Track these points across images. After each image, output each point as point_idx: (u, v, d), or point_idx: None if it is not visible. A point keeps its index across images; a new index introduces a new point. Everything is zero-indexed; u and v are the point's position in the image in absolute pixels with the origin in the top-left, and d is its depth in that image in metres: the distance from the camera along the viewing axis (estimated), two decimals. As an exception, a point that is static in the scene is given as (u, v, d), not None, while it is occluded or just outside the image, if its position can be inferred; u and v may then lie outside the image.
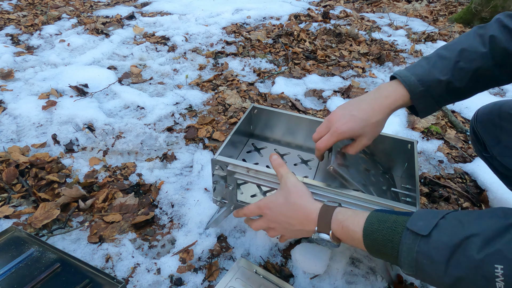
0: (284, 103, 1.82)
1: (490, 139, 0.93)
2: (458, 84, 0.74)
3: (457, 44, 0.76)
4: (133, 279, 0.96)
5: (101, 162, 1.36)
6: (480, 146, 0.99)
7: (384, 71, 2.24)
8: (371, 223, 0.63)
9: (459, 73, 0.73)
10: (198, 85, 1.94)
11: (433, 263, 0.53)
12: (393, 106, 0.78)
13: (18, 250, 0.93)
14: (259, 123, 1.19)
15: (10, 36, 2.39)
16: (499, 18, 0.74)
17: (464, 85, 0.74)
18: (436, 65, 0.75)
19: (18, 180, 1.23)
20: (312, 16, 3.09)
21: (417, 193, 0.84)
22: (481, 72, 0.73)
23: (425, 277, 0.56)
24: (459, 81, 0.74)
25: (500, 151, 0.90)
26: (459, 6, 3.66)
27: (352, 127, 0.77)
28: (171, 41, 2.43)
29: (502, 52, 0.71)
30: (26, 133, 1.48)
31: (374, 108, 0.78)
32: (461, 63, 0.73)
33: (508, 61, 0.72)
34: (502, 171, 0.93)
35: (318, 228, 0.70)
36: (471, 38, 0.75)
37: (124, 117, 1.61)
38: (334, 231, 0.68)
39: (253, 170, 0.87)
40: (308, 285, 0.97)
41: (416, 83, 0.75)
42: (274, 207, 0.78)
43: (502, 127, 0.89)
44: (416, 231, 0.55)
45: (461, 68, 0.73)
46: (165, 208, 1.19)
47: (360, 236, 0.63)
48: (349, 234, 0.66)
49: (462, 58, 0.73)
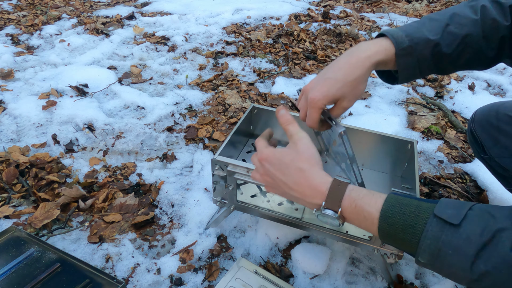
0: (284, 103, 1.82)
1: (488, 140, 0.94)
2: (446, 49, 0.71)
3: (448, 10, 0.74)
4: (133, 279, 0.96)
5: (101, 162, 1.36)
6: (478, 147, 0.99)
7: (384, 71, 2.23)
8: (391, 205, 0.57)
9: (448, 37, 0.70)
10: (198, 85, 1.94)
11: (459, 254, 0.50)
12: (373, 59, 0.69)
13: (18, 250, 0.93)
14: (259, 123, 1.19)
15: (10, 36, 2.39)
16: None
17: (451, 51, 0.71)
18: (426, 25, 0.72)
19: (18, 180, 1.23)
20: (312, 16, 3.09)
21: (417, 193, 0.84)
22: (469, 39, 0.71)
23: (444, 268, 0.53)
24: (447, 46, 0.71)
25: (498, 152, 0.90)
26: (459, 6, 3.66)
27: (327, 92, 0.69)
28: (171, 41, 2.43)
29: (491, 23, 0.70)
30: (26, 133, 1.48)
31: (351, 62, 0.70)
32: (451, 27, 0.71)
33: (495, 33, 0.70)
34: (500, 172, 0.93)
35: (325, 204, 0.62)
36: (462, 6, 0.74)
37: (124, 117, 1.61)
38: (344, 209, 0.62)
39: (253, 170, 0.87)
40: (308, 285, 0.97)
41: (404, 37, 0.70)
42: (276, 163, 0.68)
43: (499, 129, 0.89)
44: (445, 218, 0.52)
45: (451, 31, 0.70)
46: (165, 208, 1.19)
47: (375, 218, 0.58)
48: (361, 214, 0.60)
49: (453, 22, 0.71)
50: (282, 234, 1.08)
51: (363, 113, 1.74)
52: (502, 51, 0.73)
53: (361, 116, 1.71)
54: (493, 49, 0.72)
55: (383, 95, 1.93)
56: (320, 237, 1.08)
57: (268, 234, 1.08)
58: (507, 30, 0.70)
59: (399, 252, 0.86)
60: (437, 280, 1.00)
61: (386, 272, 0.95)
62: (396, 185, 1.06)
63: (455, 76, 2.17)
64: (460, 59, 0.73)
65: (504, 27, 0.69)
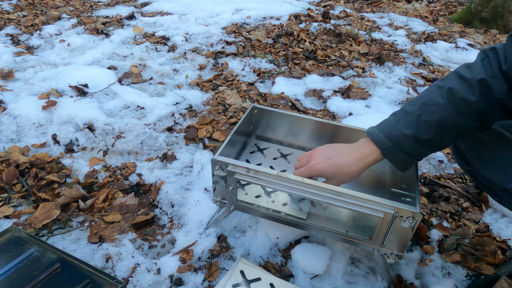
0: (284, 103, 1.82)
1: (470, 153, 0.93)
2: (425, 136, 0.76)
3: (419, 99, 0.79)
4: (133, 279, 0.96)
5: (101, 162, 1.36)
6: (462, 160, 0.99)
7: (384, 71, 2.24)
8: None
9: (424, 126, 0.76)
10: (198, 85, 1.94)
11: None
12: (366, 160, 0.82)
13: (18, 250, 0.93)
14: (259, 123, 1.19)
15: (10, 36, 2.39)
16: (457, 70, 0.77)
17: (431, 136, 0.76)
18: (401, 121, 0.79)
19: (18, 180, 1.23)
20: (312, 16, 3.09)
21: (417, 193, 0.84)
22: (444, 122, 0.74)
23: None
24: (426, 133, 0.76)
25: (482, 164, 0.89)
26: (459, 6, 3.66)
27: (325, 170, 0.84)
28: (171, 41, 2.43)
29: (461, 101, 0.73)
30: (26, 133, 1.48)
31: (351, 159, 0.83)
32: (424, 117, 0.76)
33: (469, 109, 0.73)
34: (485, 183, 0.92)
35: None
36: (431, 92, 0.78)
37: (124, 117, 1.61)
38: None
39: (253, 170, 0.87)
40: (308, 285, 0.97)
41: (384, 139, 0.79)
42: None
43: (481, 141, 0.88)
44: None
45: (424, 121, 0.75)
46: (165, 208, 1.19)
47: None
48: None
49: (423, 112, 0.76)
50: (282, 234, 1.08)
51: (363, 113, 1.74)
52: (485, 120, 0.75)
53: (361, 116, 1.71)
54: (475, 121, 0.74)
55: (383, 95, 1.93)
56: (320, 237, 1.08)
57: (268, 234, 1.08)
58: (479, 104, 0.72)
59: (399, 252, 0.86)
60: (437, 280, 1.00)
61: (386, 272, 0.95)
62: (396, 185, 1.06)
63: (455, 76, 2.16)
64: (446, 138, 0.77)
65: (474, 102, 0.72)
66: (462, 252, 1.07)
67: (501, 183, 0.84)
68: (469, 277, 1.01)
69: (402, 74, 2.19)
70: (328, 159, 0.84)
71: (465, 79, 0.74)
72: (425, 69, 2.28)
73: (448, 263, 1.05)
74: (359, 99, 1.87)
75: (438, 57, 2.48)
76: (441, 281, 1.00)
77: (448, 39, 2.74)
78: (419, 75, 2.19)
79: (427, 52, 2.52)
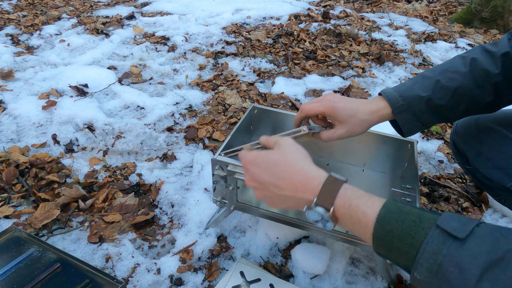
0: (284, 103, 1.82)
1: (470, 152, 0.94)
2: (439, 101, 0.76)
3: (440, 66, 0.80)
4: (133, 279, 0.96)
5: (101, 162, 1.36)
6: (462, 159, 0.99)
7: (384, 71, 2.24)
8: (390, 211, 0.52)
9: (440, 91, 0.76)
10: (198, 85, 1.94)
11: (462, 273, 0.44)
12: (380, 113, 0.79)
13: (18, 250, 0.93)
14: (259, 123, 1.19)
15: (10, 36, 2.39)
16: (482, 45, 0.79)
17: (445, 102, 0.76)
18: (418, 83, 0.79)
19: (18, 180, 1.23)
20: (312, 16, 3.09)
21: (417, 193, 0.84)
22: (461, 91, 0.75)
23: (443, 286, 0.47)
24: (440, 98, 0.76)
25: (482, 163, 0.90)
26: (459, 6, 3.66)
27: (340, 109, 0.78)
28: (171, 41, 2.43)
29: (482, 73, 0.74)
30: (26, 133, 1.48)
31: (366, 107, 0.80)
32: (442, 82, 0.76)
33: (488, 82, 0.74)
34: (485, 182, 0.92)
35: (317, 200, 0.58)
36: (453, 61, 0.79)
37: (124, 117, 1.61)
38: (336, 208, 0.57)
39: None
40: (308, 285, 0.97)
41: (397, 97, 0.78)
42: (263, 163, 0.64)
43: (481, 140, 0.89)
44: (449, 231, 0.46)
45: (442, 86, 0.76)
46: (165, 208, 1.19)
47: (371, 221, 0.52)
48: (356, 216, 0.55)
49: (443, 77, 0.76)
50: (282, 234, 1.08)
51: (363, 113, 1.74)
52: (500, 96, 0.77)
53: (361, 116, 1.71)
54: (490, 95, 0.76)
55: (383, 95, 1.93)
56: (320, 237, 1.08)
57: (268, 234, 1.08)
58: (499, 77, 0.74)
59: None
60: (437, 280, 1.00)
61: (386, 272, 0.95)
62: (396, 185, 1.06)
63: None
64: (458, 107, 0.78)
65: (495, 75, 0.74)
66: (462, 252, 1.06)
67: (501, 181, 0.84)
68: (469, 277, 1.01)
69: (402, 74, 2.19)
70: (345, 101, 0.80)
71: (490, 52, 0.76)
72: (425, 69, 2.28)
73: (448, 263, 1.05)
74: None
75: (438, 57, 2.47)
76: (441, 281, 0.99)
77: (448, 39, 2.74)
78: (419, 75, 2.19)
79: (427, 52, 2.52)
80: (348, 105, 0.79)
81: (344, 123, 0.79)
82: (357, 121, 0.78)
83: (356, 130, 0.79)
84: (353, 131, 0.79)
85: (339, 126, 0.80)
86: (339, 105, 0.78)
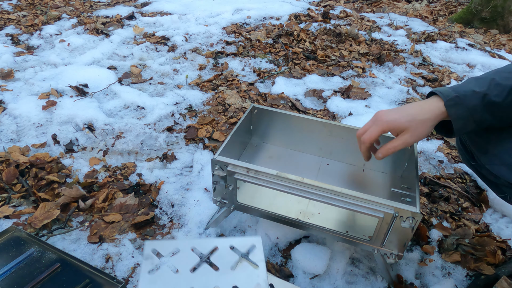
0: (284, 103, 1.82)
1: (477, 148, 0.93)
2: (496, 98, 0.74)
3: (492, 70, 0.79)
4: (133, 279, 0.96)
5: (101, 162, 1.36)
6: (468, 155, 0.99)
7: (384, 71, 2.24)
8: None
9: (496, 88, 0.74)
10: (198, 85, 1.94)
11: None
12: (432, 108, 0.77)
13: (18, 250, 0.93)
14: (259, 123, 1.19)
15: (10, 36, 2.39)
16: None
17: (502, 99, 0.73)
18: (472, 82, 0.77)
19: (18, 180, 1.23)
20: (312, 16, 3.09)
21: (417, 193, 0.84)
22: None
23: None
24: (496, 96, 0.74)
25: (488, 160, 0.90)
26: (459, 6, 3.66)
27: (398, 119, 0.77)
28: (171, 41, 2.43)
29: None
30: (26, 133, 1.48)
31: (423, 107, 0.78)
32: (498, 79, 0.74)
33: None
34: (491, 179, 0.92)
35: None
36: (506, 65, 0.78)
37: (124, 117, 1.61)
38: None
39: (253, 170, 0.87)
40: (308, 285, 0.97)
41: (450, 91, 0.76)
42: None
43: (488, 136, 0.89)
44: None
45: (498, 83, 0.74)
46: (165, 208, 1.19)
47: None
48: None
49: (499, 76, 0.75)
50: (282, 234, 1.08)
51: (363, 113, 1.74)
52: None
53: (361, 116, 1.71)
54: None
55: (383, 95, 1.93)
56: (320, 237, 1.08)
57: (268, 234, 1.08)
58: None
59: (399, 252, 0.86)
60: (437, 280, 1.00)
61: (386, 272, 0.95)
62: (396, 185, 1.06)
63: (455, 77, 2.17)
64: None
65: None
66: (462, 252, 1.07)
67: (507, 178, 0.84)
68: (469, 277, 1.01)
69: (402, 74, 2.19)
70: (397, 110, 0.78)
71: None
72: (425, 69, 2.28)
73: (448, 263, 1.05)
74: (359, 99, 1.87)
75: (438, 57, 2.48)
76: (441, 281, 1.00)
77: (448, 39, 2.74)
78: (419, 75, 2.19)
79: (427, 52, 2.52)
80: (403, 112, 0.78)
81: (407, 131, 0.78)
82: (418, 123, 0.77)
83: (420, 131, 0.77)
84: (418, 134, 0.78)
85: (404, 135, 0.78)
86: (393, 117, 0.78)
